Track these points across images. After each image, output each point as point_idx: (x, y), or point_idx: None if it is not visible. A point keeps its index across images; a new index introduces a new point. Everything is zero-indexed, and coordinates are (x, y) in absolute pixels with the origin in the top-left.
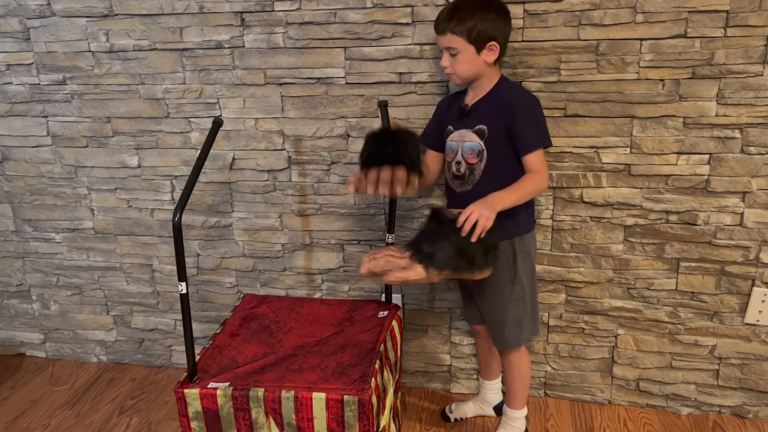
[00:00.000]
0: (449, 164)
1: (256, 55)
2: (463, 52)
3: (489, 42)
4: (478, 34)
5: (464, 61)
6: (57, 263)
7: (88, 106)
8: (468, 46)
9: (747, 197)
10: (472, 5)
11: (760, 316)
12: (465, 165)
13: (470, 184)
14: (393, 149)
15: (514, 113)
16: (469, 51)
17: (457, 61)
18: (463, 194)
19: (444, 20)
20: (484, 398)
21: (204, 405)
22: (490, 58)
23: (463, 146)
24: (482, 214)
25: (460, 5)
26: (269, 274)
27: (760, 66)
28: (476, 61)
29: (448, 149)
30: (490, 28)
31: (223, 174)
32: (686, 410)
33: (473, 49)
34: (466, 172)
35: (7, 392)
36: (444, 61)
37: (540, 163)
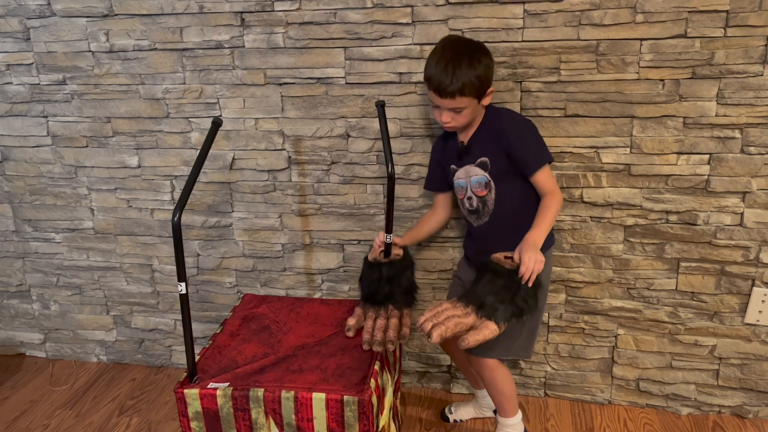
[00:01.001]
0: (462, 201)
1: (256, 55)
2: (468, 107)
3: (488, 89)
4: (483, 87)
5: (468, 114)
6: (57, 263)
7: (88, 106)
8: (473, 100)
9: (747, 197)
10: (472, 59)
11: (760, 316)
12: (476, 199)
13: (486, 216)
14: (389, 288)
15: (508, 140)
16: (474, 104)
17: (462, 115)
18: (481, 227)
19: (452, 83)
20: (482, 404)
21: (204, 405)
22: (487, 101)
23: (471, 181)
24: (537, 259)
25: (460, 64)
26: (269, 274)
27: (760, 66)
28: (477, 110)
29: (457, 188)
30: (490, 76)
31: (223, 174)
32: (686, 410)
33: (476, 101)
34: (479, 205)
35: (7, 392)
36: (446, 117)
37: (549, 181)
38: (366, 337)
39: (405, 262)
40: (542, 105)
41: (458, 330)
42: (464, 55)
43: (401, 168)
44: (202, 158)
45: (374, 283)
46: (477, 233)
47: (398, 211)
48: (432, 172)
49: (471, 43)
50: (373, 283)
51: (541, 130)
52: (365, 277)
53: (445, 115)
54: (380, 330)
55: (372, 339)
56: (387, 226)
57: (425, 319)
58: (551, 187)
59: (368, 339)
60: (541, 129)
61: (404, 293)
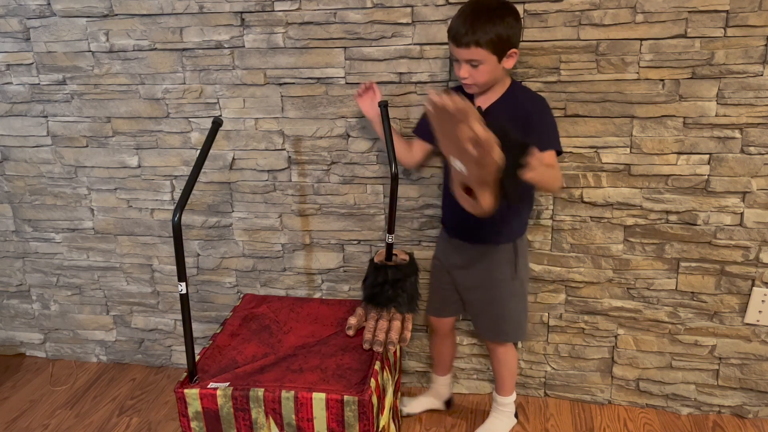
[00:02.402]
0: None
1: (256, 55)
2: (486, 63)
3: (511, 49)
4: (502, 44)
5: (486, 71)
6: (57, 263)
7: (88, 106)
8: (492, 56)
9: (747, 197)
10: (493, 14)
11: (760, 316)
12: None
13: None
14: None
15: (530, 116)
16: (492, 61)
17: (479, 71)
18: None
19: (467, 33)
20: (437, 392)
21: (204, 405)
22: (509, 64)
23: None
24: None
25: (479, 15)
26: (269, 274)
27: (760, 66)
28: (497, 70)
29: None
30: (512, 36)
31: (223, 174)
32: (686, 410)
33: (496, 58)
34: None
35: (7, 392)
36: (463, 72)
37: (555, 162)
38: (367, 336)
39: (410, 268)
40: None
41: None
42: (487, 9)
43: (401, 168)
44: (202, 158)
45: (379, 285)
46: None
47: (399, 210)
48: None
49: (498, 1)
50: (378, 285)
51: None
52: (369, 279)
53: (463, 69)
54: (382, 331)
55: (373, 339)
56: (389, 226)
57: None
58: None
59: (369, 338)
60: None
61: (408, 298)
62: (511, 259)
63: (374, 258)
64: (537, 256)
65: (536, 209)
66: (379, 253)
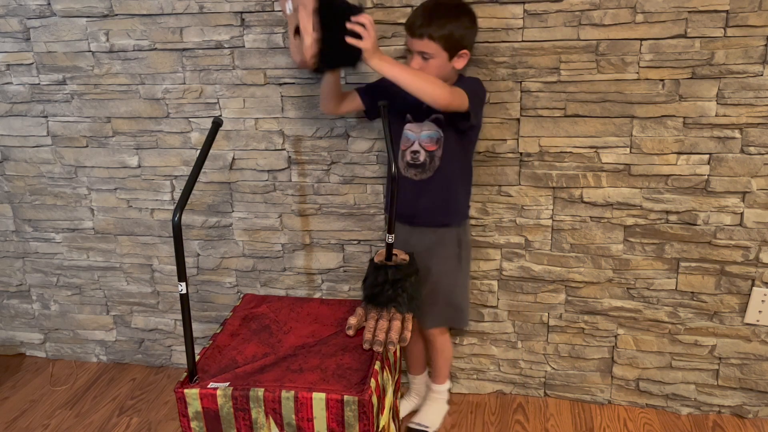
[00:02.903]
0: (403, 153)
1: (256, 55)
2: (436, 58)
3: (462, 50)
4: (454, 42)
5: (436, 67)
6: (57, 263)
7: (88, 106)
8: (443, 52)
9: (747, 197)
10: (450, 12)
11: (760, 316)
12: (425, 153)
13: (431, 171)
14: (393, 292)
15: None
16: (443, 57)
17: (429, 65)
18: (423, 181)
19: (422, 25)
20: (417, 392)
21: (204, 405)
22: (460, 64)
23: (421, 135)
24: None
25: (437, 11)
26: (269, 274)
27: (760, 66)
28: (447, 67)
29: (404, 137)
30: (464, 36)
31: (223, 174)
32: (686, 410)
33: (447, 55)
34: (426, 160)
35: (7, 392)
36: (414, 63)
37: (458, 90)
38: (367, 336)
39: (411, 268)
40: (542, 105)
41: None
42: (446, 6)
43: None
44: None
45: (379, 285)
46: (416, 188)
47: None
48: (374, 88)
49: (459, 2)
50: (378, 285)
51: (541, 130)
52: (370, 279)
53: (414, 61)
54: (382, 331)
55: (373, 339)
56: (389, 226)
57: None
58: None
59: (369, 338)
60: (541, 129)
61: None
62: (455, 244)
63: (374, 258)
64: (537, 256)
65: (536, 209)
66: (379, 253)
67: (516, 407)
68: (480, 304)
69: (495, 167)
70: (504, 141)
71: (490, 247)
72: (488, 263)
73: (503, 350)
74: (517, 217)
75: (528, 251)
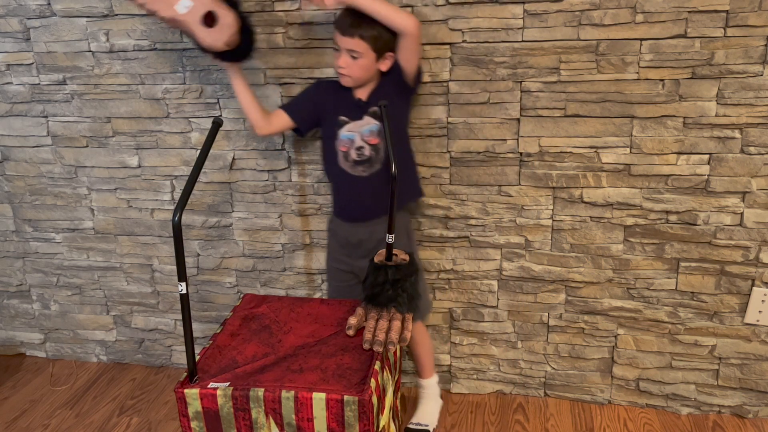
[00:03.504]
0: (346, 154)
1: (256, 55)
2: (364, 57)
3: (388, 52)
4: (382, 44)
5: (363, 66)
6: (57, 263)
7: (88, 106)
8: (371, 53)
9: (747, 197)
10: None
11: (760, 316)
12: (369, 147)
13: (379, 163)
14: (393, 292)
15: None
16: (371, 57)
17: (357, 64)
18: (373, 174)
19: (353, 24)
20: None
21: (204, 405)
22: (385, 66)
23: (362, 131)
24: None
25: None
26: (269, 274)
27: (760, 66)
28: (373, 68)
29: (342, 140)
30: (392, 39)
31: (223, 174)
32: (686, 410)
33: (375, 56)
34: (372, 153)
35: (7, 392)
36: (342, 61)
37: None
38: (367, 336)
39: (411, 268)
40: (542, 105)
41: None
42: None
43: None
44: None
45: (379, 285)
46: (367, 183)
47: None
48: (299, 102)
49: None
50: (378, 285)
51: (541, 130)
52: (369, 279)
53: (342, 59)
54: (382, 331)
55: (374, 339)
56: (389, 226)
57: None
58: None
59: (369, 338)
60: (541, 129)
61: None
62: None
63: (374, 258)
64: (537, 256)
65: (536, 209)
66: (379, 253)
67: (516, 407)
68: (480, 304)
69: (495, 167)
70: (504, 141)
71: (490, 247)
72: (488, 263)
73: (503, 350)
74: (517, 217)
75: (528, 251)
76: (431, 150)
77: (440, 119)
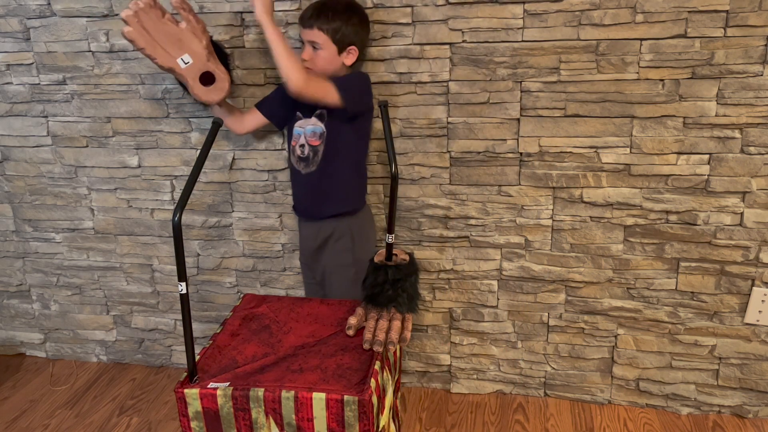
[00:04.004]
0: (293, 148)
1: (256, 55)
2: (325, 49)
3: (350, 46)
4: (342, 36)
5: (325, 58)
6: (57, 263)
7: (88, 106)
8: (331, 45)
9: (747, 197)
10: (339, 8)
11: (760, 316)
12: (308, 147)
13: (315, 165)
14: (393, 292)
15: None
16: (332, 49)
17: (318, 56)
18: (309, 174)
19: (312, 16)
20: None
21: (204, 405)
22: (349, 60)
23: (306, 130)
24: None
25: (327, 5)
26: (269, 274)
27: (760, 66)
28: (336, 61)
29: (294, 134)
30: (352, 33)
31: (223, 174)
32: (686, 410)
33: (336, 49)
34: (310, 153)
35: (7, 392)
36: (306, 54)
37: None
38: (367, 336)
39: (411, 268)
40: (542, 105)
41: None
42: (336, 3)
43: (401, 168)
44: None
45: (379, 285)
46: (304, 181)
47: (399, 210)
48: (270, 98)
49: (350, 1)
50: (378, 285)
51: (541, 130)
52: (369, 279)
53: (306, 51)
54: (382, 330)
55: (374, 339)
56: (389, 226)
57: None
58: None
59: (369, 338)
60: (541, 129)
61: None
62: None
63: (374, 258)
64: (537, 256)
65: (536, 209)
66: (379, 253)
67: (516, 407)
68: (480, 304)
69: (495, 167)
70: (504, 141)
71: (490, 247)
72: (488, 263)
73: (503, 350)
74: (517, 217)
75: (528, 251)
76: (431, 150)
77: (440, 119)
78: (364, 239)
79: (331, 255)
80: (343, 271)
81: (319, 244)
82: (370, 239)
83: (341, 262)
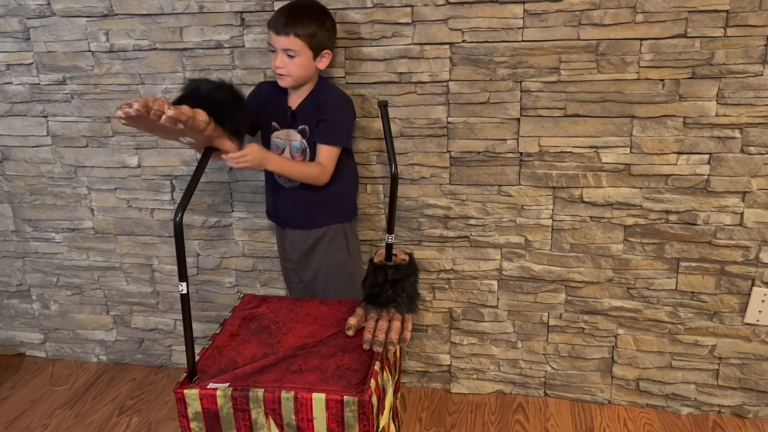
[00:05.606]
0: None
1: (256, 55)
2: (301, 55)
3: (324, 50)
4: (318, 42)
5: (300, 64)
6: (57, 263)
7: (88, 106)
8: (307, 51)
9: (747, 197)
10: (313, 13)
11: (760, 316)
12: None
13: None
14: (393, 293)
15: (324, 111)
16: (307, 55)
17: (294, 63)
18: (293, 189)
19: (287, 23)
20: None
21: (204, 405)
22: (323, 65)
23: (291, 144)
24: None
25: (301, 11)
26: (269, 274)
27: (760, 66)
28: (311, 67)
29: (273, 146)
30: (326, 37)
31: (223, 174)
32: (686, 410)
33: (311, 54)
34: None
35: (7, 392)
36: (279, 62)
37: (327, 158)
38: (367, 337)
39: (410, 268)
40: (542, 105)
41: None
42: (309, 8)
43: (401, 168)
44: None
45: (378, 285)
46: (289, 195)
47: (399, 210)
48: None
49: (318, 5)
50: (378, 285)
51: (541, 130)
52: (369, 279)
53: (279, 59)
54: (382, 331)
55: (373, 339)
56: (389, 226)
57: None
58: (325, 162)
59: (369, 339)
60: (541, 129)
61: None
62: (343, 244)
63: (374, 258)
64: (537, 256)
65: (536, 209)
66: (379, 253)
67: (516, 407)
68: (480, 304)
69: (495, 167)
70: (504, 141)
71: (490, 247)
72: (488, 263)
73: (503, 350)
74: (517, 217)
75: (528, 251)
76: (431, 150)
77: (440, 119)
78: (356, 237)
79: (325, 255)
80: (340, 270)
81: (310, 246)
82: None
83: (337, 262)
